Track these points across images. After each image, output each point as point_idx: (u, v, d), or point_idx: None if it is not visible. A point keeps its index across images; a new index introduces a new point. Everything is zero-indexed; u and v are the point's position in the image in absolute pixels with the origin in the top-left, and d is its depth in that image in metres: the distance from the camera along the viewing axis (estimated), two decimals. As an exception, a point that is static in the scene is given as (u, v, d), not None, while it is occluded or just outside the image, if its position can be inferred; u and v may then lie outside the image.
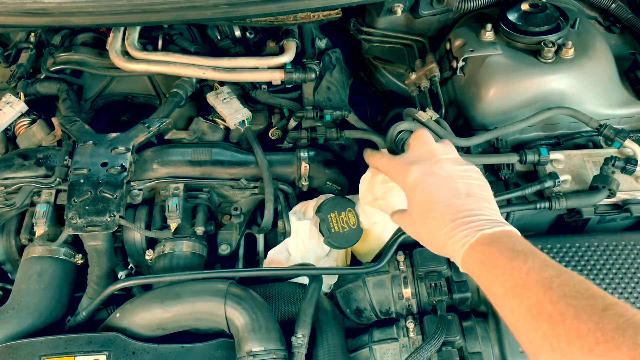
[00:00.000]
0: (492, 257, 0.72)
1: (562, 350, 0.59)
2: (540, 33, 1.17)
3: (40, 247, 1.07)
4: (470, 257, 0.75)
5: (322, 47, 1.47)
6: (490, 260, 0.72)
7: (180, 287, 0.98)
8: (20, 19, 1.15)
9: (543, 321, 0.62)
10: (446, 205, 0.80)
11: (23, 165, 1.14)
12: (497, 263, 0.71)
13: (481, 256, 0.73)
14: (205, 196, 1.16)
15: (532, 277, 0.66)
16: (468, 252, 0.75)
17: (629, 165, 1.05)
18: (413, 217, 0.85)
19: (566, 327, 0.59)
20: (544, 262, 0.68)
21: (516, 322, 0.67)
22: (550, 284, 0.64)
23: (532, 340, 0.64)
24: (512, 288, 0.67)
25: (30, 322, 1.00)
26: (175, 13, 1.15)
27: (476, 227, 0.76)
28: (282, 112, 1.34)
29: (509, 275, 0.69)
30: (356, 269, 1.05)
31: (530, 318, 0.64)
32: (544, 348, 0.61)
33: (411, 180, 0.85)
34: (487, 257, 0.72)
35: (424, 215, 0.82)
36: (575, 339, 0.58)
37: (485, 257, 0.72)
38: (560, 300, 0.62)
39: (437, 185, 0.83)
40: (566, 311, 0.61)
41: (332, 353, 0.95)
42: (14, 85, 1.33)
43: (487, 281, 0.72)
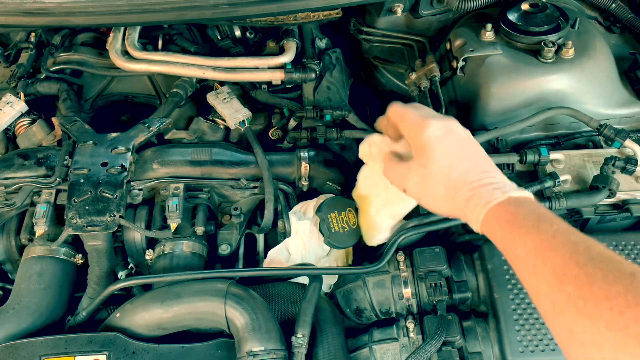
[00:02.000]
0: (519, 218, 0.70)
1: (588, 312, 0.57)
2: (540, 33, 1.17)
3: (40, 247, 1.07)
4: (494, 216, 0.73)
5: (322, 47, 1.47)
6: (516, 220, 0.70)
7: (180, 287, 0.98)
8: (20, 18, 1.15)
9: (569, 283, 0.60)
10: (473, 163, 0.79)
11: (23, 165, 1.14)
12: (523, 223, 0.69)
13: (507, 215, 0.72)
14: (205, 196, 1.16)
15: (558, 240, 0.65)
16: (493, 211, 0.73)
17: (629, 165, 1.05)
18: (430, 172, 0.81)
19: (594, 289, 0.58)
20: (570, 228, 0.67)
21: (539, 283, 0.65)
22: (577, 247, 0.63)
23: (555, 301, 0.62)
24: (536, 248, 0.66)
25: (30, 322, 1.00)
26: (175, 13, 1.15)
27: (502, 188, 0.75)
28: (282, 112, 1.34)
29: (534, 235, 0.67)
30: (356, 269, 1.05)
31: (555, 279, 0.62)
32: (569, 310, 0.60)
33: (433, 134, 0.82)
34: (514, 217, 0.71)
35: (448, 169, 0.79)
36: (604, 300, 0.56)
37: (512, 217, 0.71)
38: (587, 262, 0.61)
39: (461, 142, 0.82)
40: (593, 273, 0.59)
41: (332, 353, 0.95)
42: (14, 85, 1.33)
43: (511, 240, 0.70)
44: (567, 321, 0.60)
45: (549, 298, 0.63)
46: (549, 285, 0.63)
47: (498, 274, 1.00)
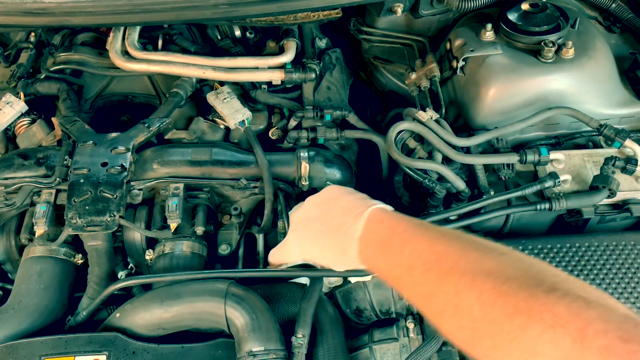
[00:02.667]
0: (372, 260, 0.80)
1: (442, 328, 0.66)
2: (540, 33, 1.17)
3: (40, 247, 1.07)
4: (363, 262, 0.82)
5: (322, 47, 1.47)
6: (373, 262, 0.80)
7: (180, 287, 0.98)
8: (20, 18, 1.15)
9: (421, 305, 0.69)
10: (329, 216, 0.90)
11: (23, 165, 1.13)
12: (377, 264, 0.79)
13: (367, 262, 0.82)
14: (205, 196, 1.16)
15: (398, 263, 0.73)
16: (360, 259, 0.82)
17: (629, 165, 1.05)
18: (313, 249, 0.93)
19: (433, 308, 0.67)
20: (402, 240, 0.75)
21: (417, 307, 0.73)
22: (410, 263, 0.71)
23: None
24: (394, 280, 0.75)
25: (30, 322, 1.00)
26: (175, 13, 1.15)
27: (352, 233, 0.84)
28: (282, 112, 1.34)
29: (387, 271, 0.76)
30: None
31: (416, 304, 0.71)
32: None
33: (292, 223, 0.98)
34: (370, 261, 0.81)
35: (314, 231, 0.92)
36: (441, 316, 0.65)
37: (370, 262, 0.81)
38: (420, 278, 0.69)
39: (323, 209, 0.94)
40: (428, 290, 0.67)
41: (332, 353, 0.95)
42: (14, 85, 1.33)
43: (385, 278, 0.79)
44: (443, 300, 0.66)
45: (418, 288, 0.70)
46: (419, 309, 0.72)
47: (498, 274, 1.00)
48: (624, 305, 0.54)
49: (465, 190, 1.09)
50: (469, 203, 1.06)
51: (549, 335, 0.51)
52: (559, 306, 0.52)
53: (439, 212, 1.06)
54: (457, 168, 1.14)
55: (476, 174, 1.13)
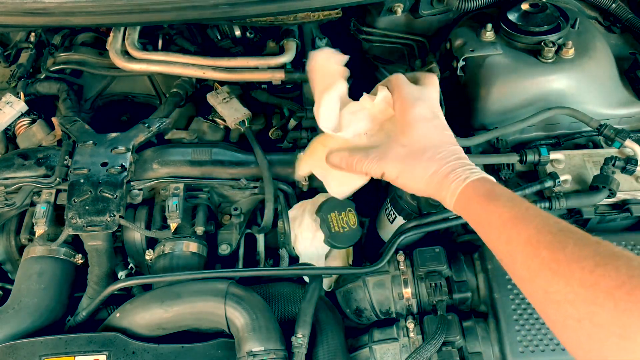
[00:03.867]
0: (494, 193, 0.77)
1: (562, 273, 0.63)
2: (540, 33, 1.17)
3: (40, 247, 1.07)
4: (471, 191, 0.80)
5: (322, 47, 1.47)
6: (492, 195, 0.77)
7: (180, 287, 0.98)
8: (20, 18, 1.15)
9: (543, 248, 0.66)
10: (451, 148, 0.87)
11: (23, 165, 1.13)
12: (498, 197, 0.76)
13: (483, 190, 0.79)
14: (206, 196, 1.16)
15: (530, 212, 0.71)
16: (469, 186, 0.80)
17: (629, 165, 1.05)
18: (412, 150, 0.88)
19: (566, 253, 0.64)
20: (538, 206, 0.75)
21: (514, 250, 0.70)
22: (548, 220, 0.70)
23: (530, 266, 0.67)
24: (511, 219, 0.72)
25: (30, 322, 1.00)
26: (175, 13, 1.15)
27: (475, 171, 0.83)
28: (282, 112, 1.34)
29: (510, 208, 0.73)
30: (356, 269, 1.05)
31: (530, 246, 0.68)
32: (544, 273, 0.65)
33: (420, 114, 0.90)
34: (489, 192, 0.78)
35: (432, 147, 0.87)
36: (576, 262, 0.62)
37: (487, 192, 0.78)
38: (558, 232, 0.67)
39: (443, 127, 0.90)
40: (565, 240, 0.65)
41: (332, 353, 0.95)
42: (14, 85, 1.33)
43: (486, 213, 0.76)
44: (542, 283, 0.65)
45: (524, 264, 0.68)
46: (524, 252, 0.69)
47: (498, 274, 1.00)
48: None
49: (465, 190, 1.09)
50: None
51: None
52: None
53: (439, 212, 1.06)
54: (457, 168, 1.14)
55: (476, 174, 1.13)
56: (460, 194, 0.81)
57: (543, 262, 0.65)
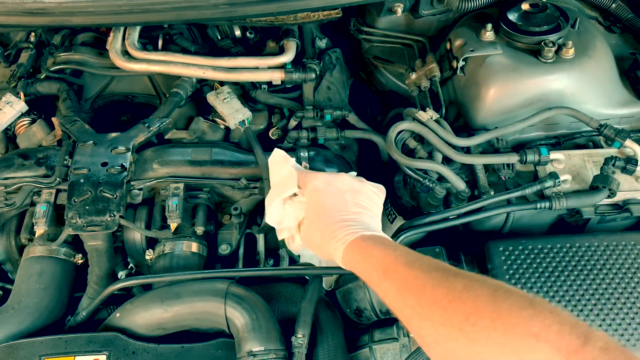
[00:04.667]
0: (368, 250, 0.82)
1: (426, 316, 0.67)
2: (540, 33, 1.17)
3: (40, 247, 1.07)
4: (349, 251, 0.84)
5: (322, 47, 1.47)
6: (366, 252, 0.82)
7: (180, 287, 0.98)
8: (20, 18, 1.15)
9: (409, 295, 0.71)
10: (335, 210, 0.91)
11: (23, 165, 1.13)
12: (372, 253, 0.80)
13: (359, 250, 0.83)
14: (206, 196, 1.16)
15: (399, 261, 0.76)
16: (348, 248, 0.84)
17: (629, 165, 1.05)
18: (308, 220, 0.94)
19: (427, 296, 0.68)
20: (410, 251, 0.79)
21: (391, 302, 0.75)
22: (414, 264, 0.74)
23: (405, 315, 0.72)
24: (384, 272, 0.76)
25: (30, 322, 1.00)
26: (175, 13, 1.15)
27: (356, 230, 0.86)
28: (282, 112, 1.34)
29: (381, 261, 0.78)
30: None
31: (399, 294, 0.73)
32: (414, 319, 0.70)
33: (314, 185, 0.95)
34: (364, 250, 0.82)
35: (317, 217, 0.92)
36: (434, 303, 0.67)
37: (362, 250, 0.82)
38: (420, 274, 0.71)
39: (332, 193, 0.94)
40: (426, 282, 0.70)
41: (332, 353, 0.95)
42: (14, 85, 1.33)
43: (365, 271, 0.81)
44: (415, 329, 0.70)
45: (401, 314, 0.73)
46: (397, 302, 0.73)
47: (498, 274, 1.00)
48: None
49: (465, 190, 1.09)
50: (469, 203, 1.06)
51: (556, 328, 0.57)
52: None
53: (439, 212, 1.06)
54: (457, 168, 1.14)
55: (476, 174, 1.13)
56: (344, 255, 0.84)
57: (412, 308, 0.70)
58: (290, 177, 0.99)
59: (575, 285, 0.99)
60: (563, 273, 1.00)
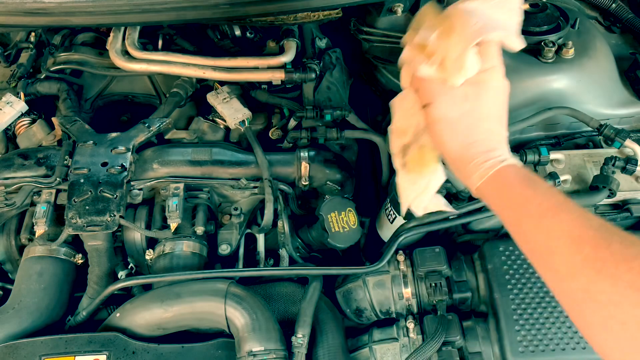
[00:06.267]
0: (533, 180, 0.71)
1: (608, 273, 0.59)
2: (540, 33, 1.17)
3: (40, 246, 1.07)
4: (508, 173, 0.72)
5: (322, 47, 1.47)
6: (530, 181, 0.70)
7: (180, 287, 0.98)
8: (20, 18, 1.15)
9: (586, 244, 0.61)
10: (503, 124, 0.77)
11: (23, 165, 1.14)
12: (537, 185, 0.70)
13: (522, 175, 0.72)
14: (206, 196, 1.16)
15: (571, 204, 0.66)
16: (507, 168, 0.72)
17: (629, 165, 1.05)
18: (472, 107, 0.77)
19: (612, 251, 0.59)
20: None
21: (553, 244, 0.65)
22: (588, 214, 0.65)
23: (572, 262, 0.62)
24: (551, 209, 0.66)
25: (30, 321, 1.00)
26: (175, 13, 1.15)
27: (513, 159, 0.75)
28: (282, 112, 1.34)
29: (550, 195, 0.68)
30: (356, 269, 1.05)
31: (571, 240, 0.63)
32: (587, 271, 0.60)
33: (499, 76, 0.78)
34: (528, 178, 0.71)
35: (489, 114, 0.77)
36: (623, 262, 0.58)
37: (526, 178, 0.71)
38: (600, 227, 0.62)
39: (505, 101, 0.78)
40: (609, 237, 0.61)
41: (332, 353, 0.95)
42: (14, 85, 1.33)
43: (523, 199, 0.69)
44: (584, 282, 0.60)
45: (564, 259, 0.63)
46: (565, 246, 0.63)
47: (498, 274, 1.00)
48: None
49: (465, 190, 1.09)
50: (469, 203, 1.06)
51: None
52: None
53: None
54: (457, 168, 1.14)
55: (476, 174, 1.13)
56: (494, 176, 0.72)
57: (586, 259, 0.61)
58: None
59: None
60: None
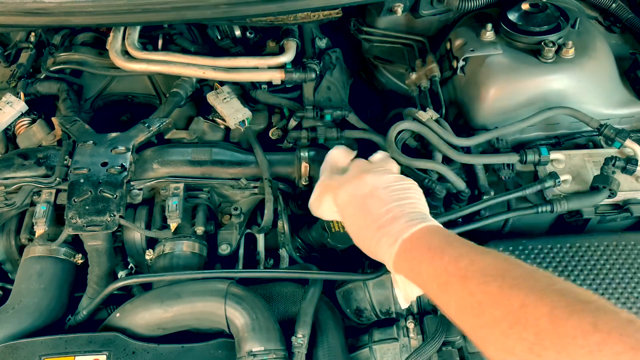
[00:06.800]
0: (415, 262, 0.76)
1: (489, 340, 0.64)
2: (540, 33, 1.17)
3: (40, 246, 1.07)
4: (399, 263, 0.79)
5: (322, 47, 1.47)
6: (415, 266, 0.76)
7: (180, 287, 0.98)
8: (20, 18, 1.15)
9: (468, 315, 0.67)
10: (370, 220, 0.85)
11: (23, 165, 1.13)
12: (420, 268, 0.75)
13: (408, 263, 0.78)
14: (206, 196, 1.16)
15: (450, 272, 0.70)
16: (396, 260, 0.79)
17: (630, 165, 1.05)
18: (351, 234, 0.91)
19: (486, 317, 0.64)
20: (458, 252, 0.72)
21: (451, 317, 0.71)
22: (466, 273, 0.69)
23: (467, 331, 0.68)
24: (439, 287, 0.72)
25: (30, 321, 1.00)
26: (175, 13, 1.15)
27: (395, 234, 0.80)
28: (282, 112, 1.34)
29: (433, 276, 0.73)
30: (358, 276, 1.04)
31: (458, 313, 0.69)
32: (478, 341, 0.66)
33: (341, 202, 0.92)
34: (412, 263, 0.77)
35: (357, 231, 0.89)
36: (494, 325, 0.62)
37: (411, 264, 0.77)
38: (475, 289, 0.66)
39: (360, 202, 0.89)
40: (482, 300, 0.65)
41: (332, 353, 0.95)
42: (14, 85, 1.33)
43: (420, 284, 0.76)
44: (481, 348, 0.66)
45: (463, 329, 0.69)
46: (457, 319, 0.69)
47: (498, 274, 1.00)
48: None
49: (466, 190, 1.09)
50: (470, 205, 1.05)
51: (629, 356, 0.52)
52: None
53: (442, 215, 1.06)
54: (457, 168, 1.14)
55: (476, 174, 1.13)
56: (396, 267, 0.80)
57: (472, 329, 0.66)
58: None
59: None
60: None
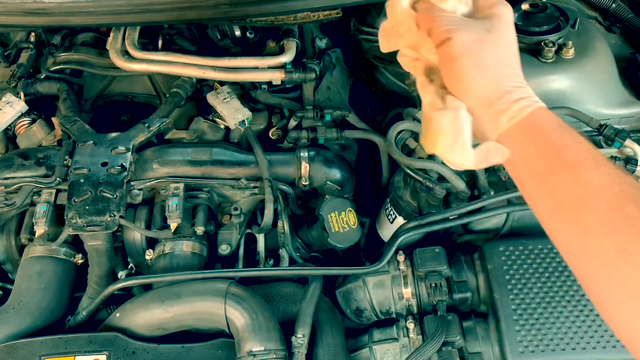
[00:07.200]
0: (568, 127, 0.62)
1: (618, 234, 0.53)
2: (540, 33, 1.17)
3: (40, 246, 1.07)
4: (541, 116, 0.63)
5: (322, 47, 1.47)
6: (566, 127, 0.62)
7: (180, 287, 0.98)
8: (20, 18, 1.15)
9: (628, 201, 0.55)
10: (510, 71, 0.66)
11: (23, 165, 1.14)
12: (574, 132, 0.62)
13: (557, 120, 0.63)
14: (206, 196, 1.16)
15: (607, 159, 0.60)
16: (540, 111, 0.63)
17: (629, 165, 1.05)
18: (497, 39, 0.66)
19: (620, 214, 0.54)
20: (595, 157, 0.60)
21: (589, 197, 0.57)
22: (628, 173, 0.59)
23: (610, 219, 0.56)
24: (590, 159, 0.59)
25: (30, 321, 1.00)
26: (175, 13, 1.15)
27: (530, 97, 0.65)
28: (282, 112, 1.34)
29: (587, 146, 0.60)
30: (356, 269, 1.05)
31: (612, 195, 0.56)
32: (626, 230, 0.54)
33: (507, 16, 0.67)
34: (563, 124, 0.63)
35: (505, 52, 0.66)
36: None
37: (561, 123, 0.63)
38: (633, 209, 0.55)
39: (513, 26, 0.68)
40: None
41: (332, 353, 0.95)
42: (14, 85, 1.33)
43: (560, 146, 0.61)
44: (621, 241, 0.54)
45: (600, 214, 0.56)
46: (604, 201, 0.56)
47: (498, 274, 1.00)
48: None
49: (465, 190, 1.09)
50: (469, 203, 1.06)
51: None
52: None
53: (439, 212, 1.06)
54: (457, 168, 1.14)
55: (476, 174, 1.13)
56: (526, 119, 0.63)
57: (627, 217, 0.54)
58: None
59: (576, 286, 0.99)
60: (563, 273, 1.00)
